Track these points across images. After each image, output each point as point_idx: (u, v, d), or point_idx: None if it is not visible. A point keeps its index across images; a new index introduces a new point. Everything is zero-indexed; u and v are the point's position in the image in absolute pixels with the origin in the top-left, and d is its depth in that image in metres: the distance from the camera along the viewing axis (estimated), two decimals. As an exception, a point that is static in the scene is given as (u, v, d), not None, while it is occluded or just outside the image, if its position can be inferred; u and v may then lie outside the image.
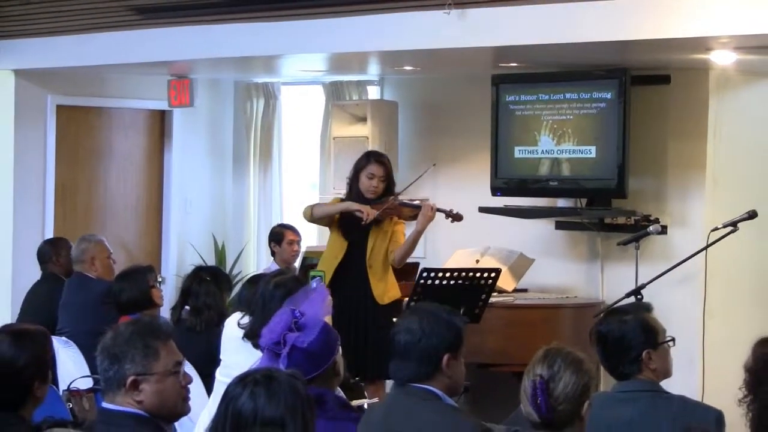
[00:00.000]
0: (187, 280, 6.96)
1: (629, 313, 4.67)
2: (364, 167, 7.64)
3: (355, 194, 7.66)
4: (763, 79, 8.18)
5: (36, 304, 8.03)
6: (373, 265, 7.56)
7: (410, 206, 7.71)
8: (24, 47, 9.60)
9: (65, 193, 10.21)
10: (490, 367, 7.81)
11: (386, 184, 7.62)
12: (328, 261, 7.62)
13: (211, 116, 10.94)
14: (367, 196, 7.59)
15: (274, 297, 5.46)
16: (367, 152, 7.97)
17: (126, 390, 3.69)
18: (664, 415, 4.33)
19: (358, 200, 7.59)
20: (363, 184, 7.61)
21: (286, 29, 7.87)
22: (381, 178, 7.60)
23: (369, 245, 7.56)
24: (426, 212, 7.56)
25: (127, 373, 3.69)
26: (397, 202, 7.62)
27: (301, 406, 3.34)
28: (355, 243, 7.58)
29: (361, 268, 7.55)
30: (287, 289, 5.47)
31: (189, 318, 6.68)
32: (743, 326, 6.09)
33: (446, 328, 4.24)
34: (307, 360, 4.27)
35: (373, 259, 7.56)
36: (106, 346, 3.72)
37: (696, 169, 8.00)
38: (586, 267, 8.54)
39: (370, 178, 7.59)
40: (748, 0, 5.97)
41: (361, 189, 7.62)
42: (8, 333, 4.28)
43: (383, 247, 7.56)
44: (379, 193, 7.59)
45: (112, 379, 3.69)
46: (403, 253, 7.60)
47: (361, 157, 7.82)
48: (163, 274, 9.87)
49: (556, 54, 7.54)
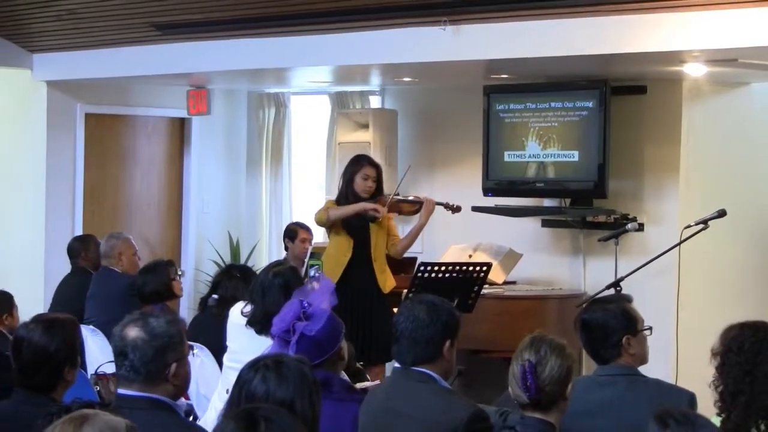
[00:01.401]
0: (218, 275, 7.00)
1: (611, 303, 4.67)
2: (359, 170, 7.64)
3: (350, 195, 7.62)
4: (731, 89, 8.17)
5: (66, 296, 8.04)
6: (377, 258, 7.57)
7: (409, 202, 7.74)
8: (56, 60, 9.61)
9: (93, 193, 10.20)
10: (482, 353, 7.81)
11: (377, 184, 7.65)
12: (335, 258, 7.61)
13: (226, 123, 10.93)
14: (362, 196, 7.59)
15: (273, 285, 5.47)
16: (357, 156, 7.92)
17: (167, 376, 3.65)
18: (641, 396, 4.32)
19: (354, 200, 7.59)
20: (358, 185, 7.60)
21: (295, 44, 7.87)
22: (374, 178, 7.62)
23: (372, 241, 7.57)
24: (428, 206, 7.61)
25: (169, 360, 3.67)
26: (396, 199, 7.66)
27: (309, 388, 3.34)
28: (359, 240, 7.58)
29: (368, 262, 7.57)
30: (285, 279, 5.49)
31: (214, 307, 6.69)
32: (713, 316, 6.06)
33: (448, 317, 4.26)
34: (315, 347, 4.27)
35: (377, 252, 7.58)
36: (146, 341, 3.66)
37: (670, 172, 8.00)
38: (570, 261, 8.54)
39: (365, 179, 7.60)
40: (718, 18, 5.96)
41: (357, 190, 7.60)
42: (41, 322, 4.28)
43: (383, 241, 7.59)
44: (372, 193, 7.62)
45: (153, 370, 3.64)
46: (406, 245, 7.65)
47: (352, 160, 7.77)
48: (183, 268, 9.87)
49: (543, 66, 7.54)
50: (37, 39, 9.45)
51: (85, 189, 10.10)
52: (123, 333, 3.69)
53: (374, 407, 4.26)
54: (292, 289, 5.45)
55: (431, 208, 7.64)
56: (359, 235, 7.57)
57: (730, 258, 8.06)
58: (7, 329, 6.02)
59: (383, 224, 7.60)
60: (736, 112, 8.22)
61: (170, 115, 10.60)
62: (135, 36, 8.75)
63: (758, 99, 8.29)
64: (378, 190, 7.64)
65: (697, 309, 7.76)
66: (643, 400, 4.27)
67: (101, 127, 10.26)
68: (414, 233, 7.64)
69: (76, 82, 9.78)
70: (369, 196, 7.58)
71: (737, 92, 8.22)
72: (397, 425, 4.14)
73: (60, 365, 4.14)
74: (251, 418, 2.48)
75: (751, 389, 4.01)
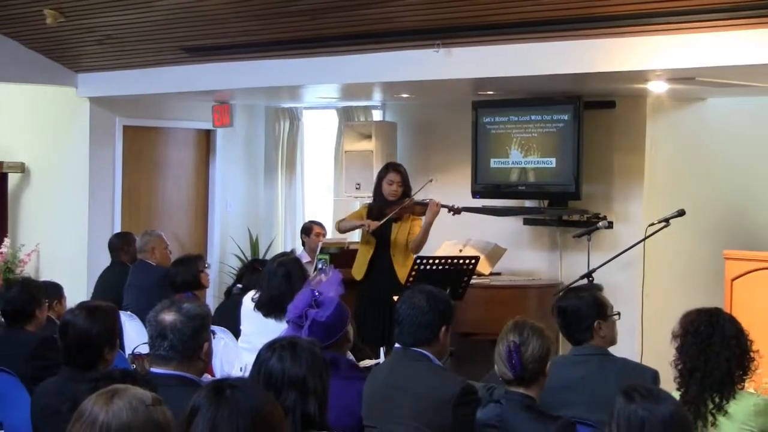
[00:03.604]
0: (243, 268, 7.01)
1: (584, 291, 4.67)
2: (384, 176, 7.69)
3: (379, 198, 7.70)
4: (689, 104, 8.17)
5: (106, 285, 8.03)
6: (396, 254, 7.58)
7: (421, 204, 7.74)
8: (97, 79, 9.62)
9: (130, 196, 10.21)
10: (471, 336, 7.80)
11: (403, 188, 7.66)
12: (362, 254, 7.69)
13: (246, 134, 10.94)
14: (389, 199, 7.62)
15: (276, 274, 5.50)
16: (387, 163, 8.01)
17: (200, 354, 3.66)
18: (610, 373, 4.32)
19: (382, 203, 7.64)
20: (385, 189, 7.65)
21: (307, 65, 7.87)
22: (399, 183, 7.64)
23: (391, 239, 7.58)
24: (432, 208, 7.61)
25: (202, 340, 3.67)
26: (411, 202, 7.66)
27: (320, 367, 3.34)
28: (381, 239, 7.61)
29: (387, 257, 7.58)
30: (287, 268, 5.51)
31: (238, 295, 6.69)
32: (674, 303, 6.05)
33: (445, 306, 4.28)
34: (324, 331, 4.28)
35: (396, 249, 7.58)
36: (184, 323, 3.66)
37: (636, 177, 8.00)
38: (548, 255, 8.53)
39: (390, 184, 7.64)
40: (678, 41, 5.96)
41: (384, 193, 7.65)
42: (84, 308, 4.29)
43: (404, 239, 7.59)
44: (398, 195, 7.63)
45: (190, 349, 3.64)
46: (418, 242, 7.63)
47: (382, 168, 7.89)
48: (209, 261, 9.88)
49: (524, 84, 7.54)
50: (81, 61, 9.46)
51: (123, 192, 10.10)
52: (159, 318, 3.69)
53: (378, 382, 4.26)
54: (294, 276, 5.49)
55: (435, 209, 7.62)
56: (381, 235, 7.60)
57: (688, 251, 8.06)
58: (56, 315, 6.02)
59: (405, 224, 7.62)
60: (694, 124, 8.21)
61: (197, 127, 10.60)
62: (167, 58, 8.76)
63: (713, 113, 8.28)
64: (405, 192, 7.65)
65: (660, 296, 7.76)
66: (612, 377, 4.27)
67: (137, 138, 10.27)
68: (423, 231, 7.61)
69: (115, 98, 9.79)
70: (396, 199, 7.61)
71: (695, 107, 8.21)
72: (397, 398, 4.14)
73: (101, 346, 4.15)
74: (219, 387, 2.50)
75: (705, 366, 4.01)
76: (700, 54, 5.90)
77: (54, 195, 10.16)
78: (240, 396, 2.50)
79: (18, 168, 10.33)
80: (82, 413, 2.41)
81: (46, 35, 8.95)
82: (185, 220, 10.69)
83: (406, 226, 7.61)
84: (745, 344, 4.06)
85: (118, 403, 2.40)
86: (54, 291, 6.34)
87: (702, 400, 3.98)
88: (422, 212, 7.69)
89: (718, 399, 3.97)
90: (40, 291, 5.58)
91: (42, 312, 5.49)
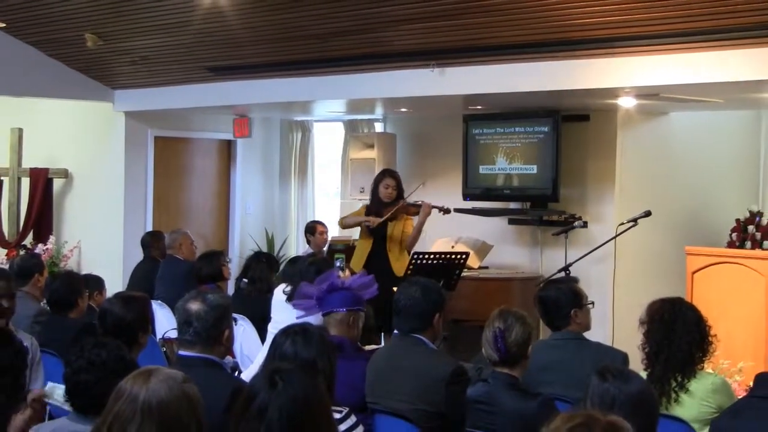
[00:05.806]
0: (248, 260, 6.97)
1: (562, 283, 4.68)
2: (381, 180, 7.75)
3: (376, 199, 7.73)
4: (655, 117, 8.16)
5: (139, 277, 8.04)
6: (392, 249, 7.62)
7: (414, 205, 7.78)
8: (132, 95, 9.61)
9: (160, 199, 10.20)
10: (462, 322, 7.80)
11: (398, 191, 7.70)
12: (361, 248, 7.71)
13: (263, 144, 10.93)
14: (384, 200, 7.66)
15: (309, 271, 5.49)
16: (383, 169, 8.10)
17: (221, 340, 3.66)
18: (585, 356, 4.32)
19: (379, 205, 7.68)
20: (381, 192, 7.72)
21: (317, 83, 7.87)
22: (393, 187, 7.71)
23: (388, 236, 7.61)
24: (425, 209, 7.66)
25: (223, 327, 3.67)
26: (406, 204, 7.71)
27: (327, 350, 3.34)
28: (378, 235, 7.63)
29: (384, 252, 7.59)
30: (318, 267, 5.51)
31: (246, 287, 6.68)
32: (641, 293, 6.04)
33: (438, 296, 4.28)
34: (351, 297, 4.44)
35: (392, 245, 7.62)
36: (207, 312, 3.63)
37: (607, 182, 7.99)
38: (530, 251, 8.53)
39: (386, 188, 7.69)
40: (644, 62, 5.97)
41: (380, 195, 7.71)
42: (120, 298, 4.31)
43: (398, 235, 7.61)
44: (393, 198, 7.68)
45: (213, 335, 3.63)
46: (411, 240, 7.68)
47: (378, 173, 7.97)
48: (230, 256, 9.87)
49: (509, 100, 7.53)
50: (118, 79, 9.46)
51: (154, 196, 10.10)
52: (186, 307, 3.70)
53: (379, 364, 4.27)
54: (323, 272, 5.50)
55: (428, 211, 7.68)
56: (378, 232, 7.61)
57: (653, 248, 8.05)
58: (96, 304, 6.02)
59: (400, 223, 7.63)
60: (659, 135, 8.20)
61: (220, 138, 10.59)
62: (193, 76, 8.75)
63: (676, 125, 8.28)
64: (399, 195, 7.70)
65: (629, 287, 7.75)
66: (586, 359, 4.27)
67: (167, 147, 10.26)
68: (416, 231, 7.69)
69: (147, 112, 9.78)
70: (390, 201, 7.65)
71: (660, 120, 8.21)
72: (396, 377, 4.15)
73: (135, 331, 4.16)
74: (273, 375, 2.45)
75: (669, 350, 4.02)
76: (663, 74, 5.90)
77: (93, 198, 10.16)
78: (293, 381, 2.46)
79: (62, 174, 10.34)
80: (122, 392, 2.40)
81: (86, 56, 8.96)
82: (209, 220, 10.69)
83: (400, 224, 7.66)
84: (704, 330, 4.07)
85: (154, 381, 2.40)
86: (95, 283, 6.35)
87: (666, 379, 3.99)
88: (416, 212, 7.74)
89: (681, 378, 3.98)
90: (80, 283, 5.60)
91: (83, 301, 5.50)
